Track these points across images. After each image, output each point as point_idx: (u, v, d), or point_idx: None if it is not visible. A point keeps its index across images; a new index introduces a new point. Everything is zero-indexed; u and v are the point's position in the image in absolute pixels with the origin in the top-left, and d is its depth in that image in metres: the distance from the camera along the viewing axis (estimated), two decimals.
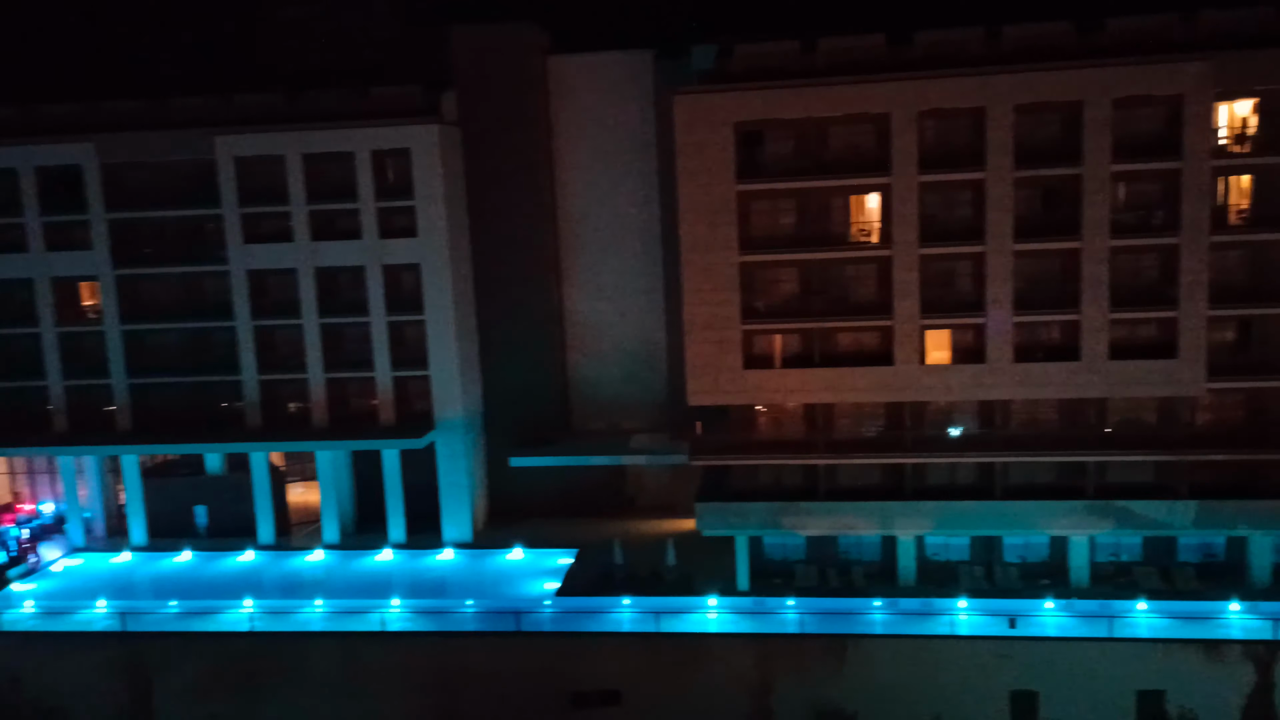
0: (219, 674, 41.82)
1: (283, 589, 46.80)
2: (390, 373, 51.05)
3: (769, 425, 45.92)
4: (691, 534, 46.57)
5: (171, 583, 48.21)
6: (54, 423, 52.66)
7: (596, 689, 40.23)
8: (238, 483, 52.57)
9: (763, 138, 43.86)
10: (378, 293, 50.31)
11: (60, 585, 48.69)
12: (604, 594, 43.77)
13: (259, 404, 51.63)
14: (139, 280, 51.96)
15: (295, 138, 49.44)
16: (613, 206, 53.52)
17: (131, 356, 51.96)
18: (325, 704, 41.48)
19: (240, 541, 51.63)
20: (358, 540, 52.06)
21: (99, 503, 54.12)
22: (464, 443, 51.38)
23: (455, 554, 50.33)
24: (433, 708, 41.01)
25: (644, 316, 54.11)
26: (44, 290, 51.71)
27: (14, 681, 42.32)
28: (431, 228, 49.60)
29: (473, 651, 41.25)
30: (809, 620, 40.97)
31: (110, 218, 50.78)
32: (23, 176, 50.76)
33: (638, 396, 54.36)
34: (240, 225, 50.23)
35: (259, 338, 51.28)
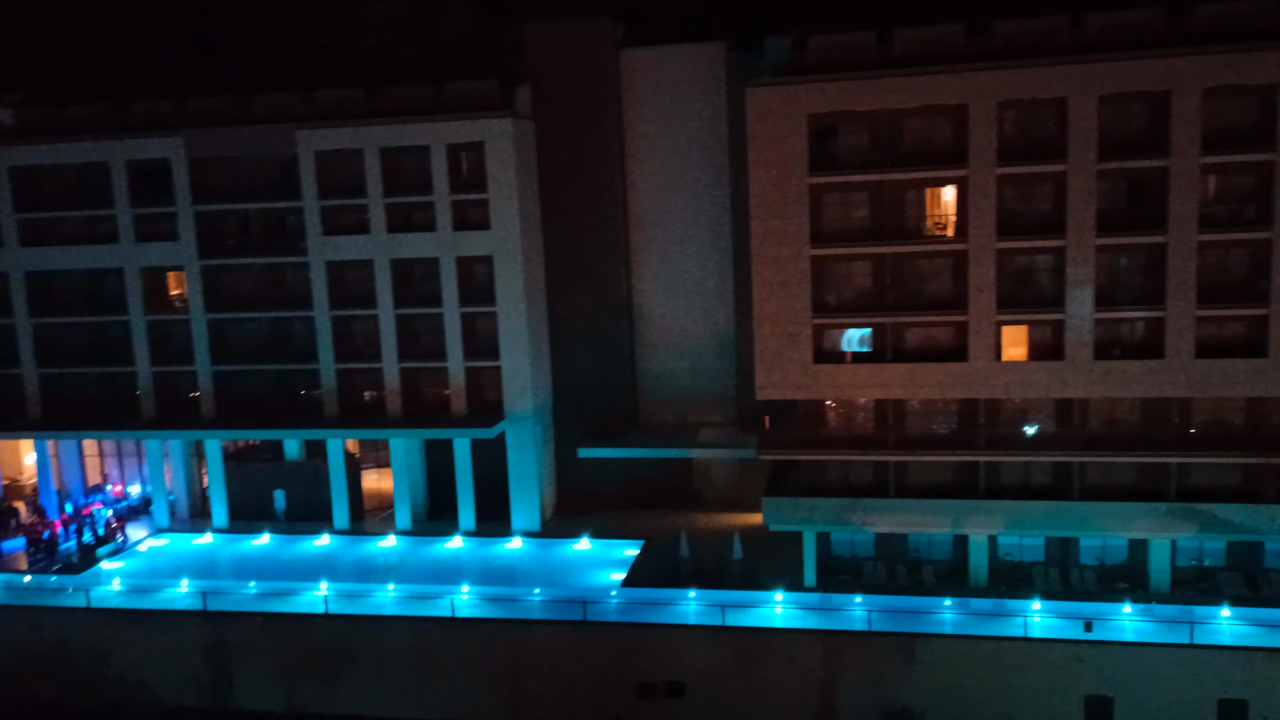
0: (296, 653, 42.96)
1: (357, 573, 47.86)
2: (462, 363, 51.81)
3: (838, 420, 45.49)
4: (758, 528, 46.42)
5: (251, 564, 49.66)
6: (142, 408, 54.60)
7: (661, 680, 40.35)
8: (315, 468, 53.94)
9: (836, 130, 43.41)
10: (451, 285, 51.09)
11: (146, 564, 50.51)
12: (670, 586, 43.89)
13: (336, 392, 52.87)
14: (223, 271, 53.57)
15: (373, 132, 50.45)
16: (683, 200, 53.51)
17: (215, 345, 53.62)
18: (396, 686, 42.35)
19: (317, 525, 52.95)
20: (429, 527, 52.97)
21: (183, 486, 55.99)
22: (533, 433, 51.92)
23: (523, 543, 50.92)
24: (501, 693, 41.57)
25: (713, 310, 54.02)
26: (133, 280, 53.64)
27: (103, 656, 44.06)
28: (504, 221, 50.19)
29: (540, 639, 41.71)
30: (877, 618, 40.49)
31: (197, 210, 52.43)
32: (114, 170, 52.69)
33: (706, 390, 54.30)
34: (320, 218, 51.45)
35: (337, 328, 52.49)
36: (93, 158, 52.90)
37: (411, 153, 50.67)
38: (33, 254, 54.31)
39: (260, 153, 52.06)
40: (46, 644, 44.62)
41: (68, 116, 54.49)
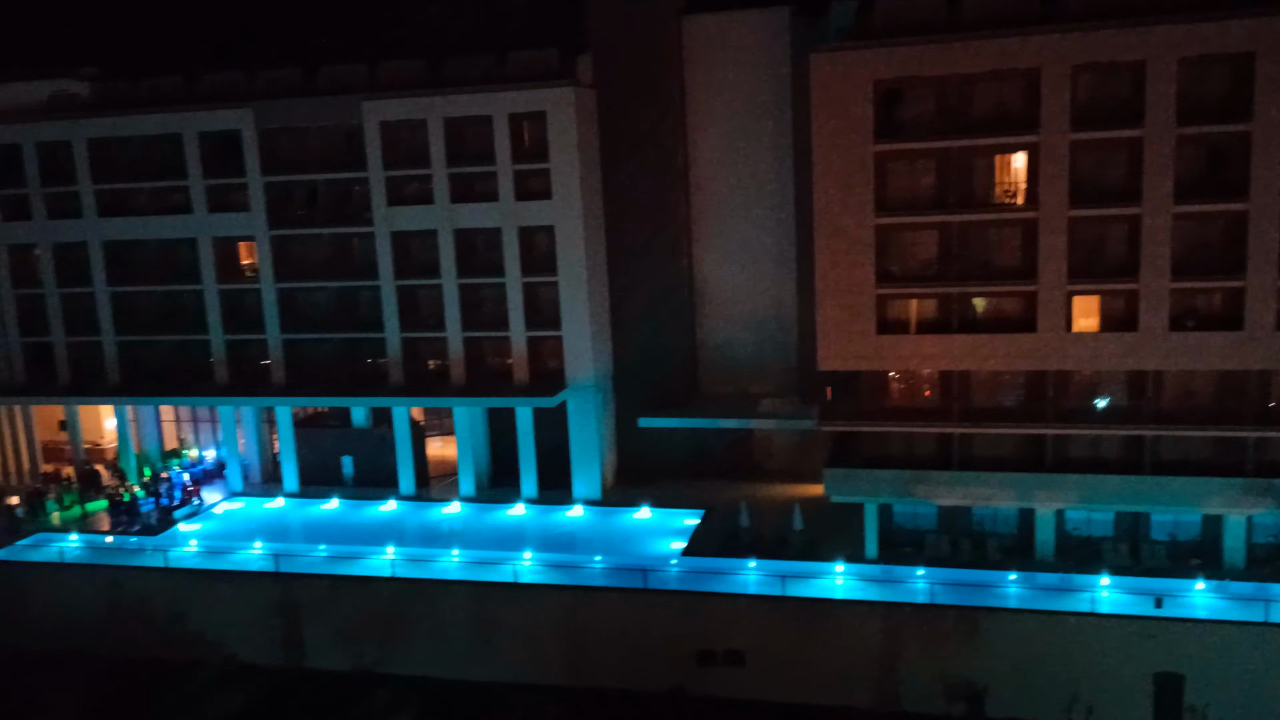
0: (363, 615, 44.05)
1: (422, 538, 48.83)
2: (524, 333, 52.25)
3: (902, 391, 44.97)
4: (819, 499, 46.26)
5: (321, 528, 50.95)
6: (215, 375, 56.11)
7: (721, 649, 40.61)
8: (381, 436, 54.99)
9: (903, 96, 42.54)
10: (513, 254, 51.41)
11: (220, 527, 52.12)
12: (730, 556, 44.03)
13: (401, 361, 53.72)
14: (292, 241, 54.58)
15: (436, 102, 50.78)
16: (745, 168, 53.04)
17: (285, 314, 54.77)
18: (460, 649, 43.22)
19: (383, 491, 54.06)
20: (492, 494, 53.76)
21: (255, 451, 57.53)
22: (594, 402, 52.25)
23: (584, 511, 51.41)
24: (562, 658, 42.20)
25: (775, 280, 53.63)
26: (206, 250, 54.93)
27: (181, 615, 45.67)
28: (566, 190, 50.28)
29: (601, 606, 42.19)
30: (940, 591, 40.19)
31: (266, 181, 53.40)
32: (187, 142, 53.85)
33: (767, 360, 54.07)
34: (385, 188, 52.07)
35: (402, 297, 53.24)
36: (166, 130, 54.11)
37: (474, 123, 50.93)
38: (110, 224, 55.91)
39: (327, 124, 52.77)
40: (128, 602, 46.37)
41: (142, 89, 55.84)
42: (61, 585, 47.40)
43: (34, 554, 49.48)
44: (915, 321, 43.83)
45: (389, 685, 34.22)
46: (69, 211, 56.08)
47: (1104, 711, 37.63)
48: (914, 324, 43.81)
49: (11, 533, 51.55)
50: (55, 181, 55.81)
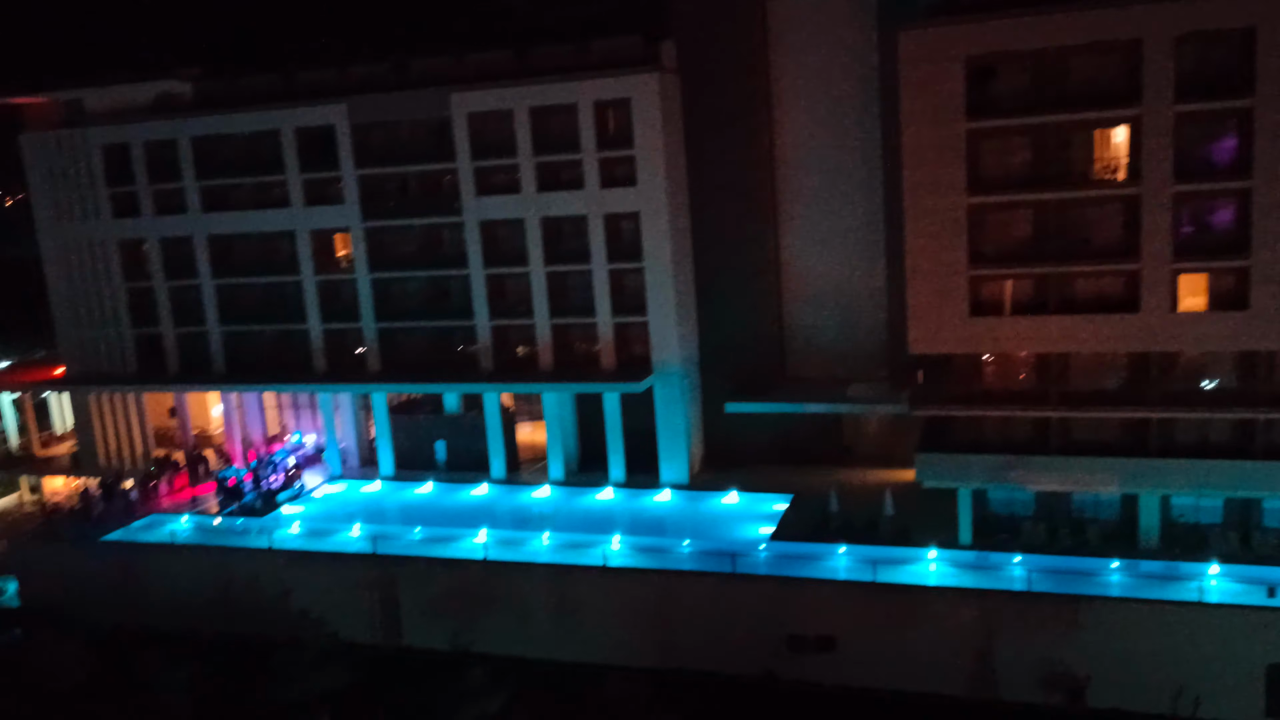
0: (457, 596, 45.08)
1: (513, 521, 49.72)
2: (610, 319, 52.61)
3: (996, 374, 43.96)
4: (910, 485, 45.62)
5: (416, 510, 52.28)
6: (314, 363, 57.93)
7: (812, 634, 40.43)
8: (473, 421, 56.09)
9: (995, 71, 41.44)
10: (599, 242, 51.77)
11: (321, 509, 53.89)
12: (819, 541, 43.75)
13: (491, 348, 54.65)
14: (385, 232, 55.92)
15: (522, 92, 51.33)
16: (833, 150, 52.35)
17: (379, 303, 56.22)
18: (552, 630, 43.94)
19: (475, 475, 55.17)
20: (580, 478, 54.39)
21: (353, 436, 59.28)
22: (681, 388, 52.37)
23: (672, 495, 51.65)
24: (653, 640, 42.54)
25: (863, 262, 52.87)
26: (304, 242, 56.68)
27: (285, 593, 47.41)
28: (650, 177, 50.36)
29: (690, 589, 42.38)
30: (1037, 578, 39.27)
31: (360, 174, 54.79)
32: (284, 138, 55.56)
33: (856, 344, 53.40)
34: (473, 178, 52.91)
35: (491, 285, 54.12)
36: (264, 126, 55.89)
37: (559, 111, 51.31)
38: (213, 219, 58.10)
39: (417, 116, 53.82)
40: (236, 582, 48.33)
41: (241, 88, 57.76)
42: (173, 566, 49.66)
43: (147, 535, 51.96)
44: (1010, 303, 42.79)
45: (484, 665, 34.98)
46: (175, 207, 58.47)
47: (1212, 705, 36.31)
48: (1009, 306, 42.77)
49: (127, 515, 54.18)
50: (162, 179, 58.23)
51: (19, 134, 60.32)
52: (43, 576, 51.94)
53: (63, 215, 60.14)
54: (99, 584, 49.96)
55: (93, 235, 59.90)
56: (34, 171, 60.26)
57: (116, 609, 48.61)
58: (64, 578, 50.79)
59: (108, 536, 51.89)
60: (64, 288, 61.14)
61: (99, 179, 58.98)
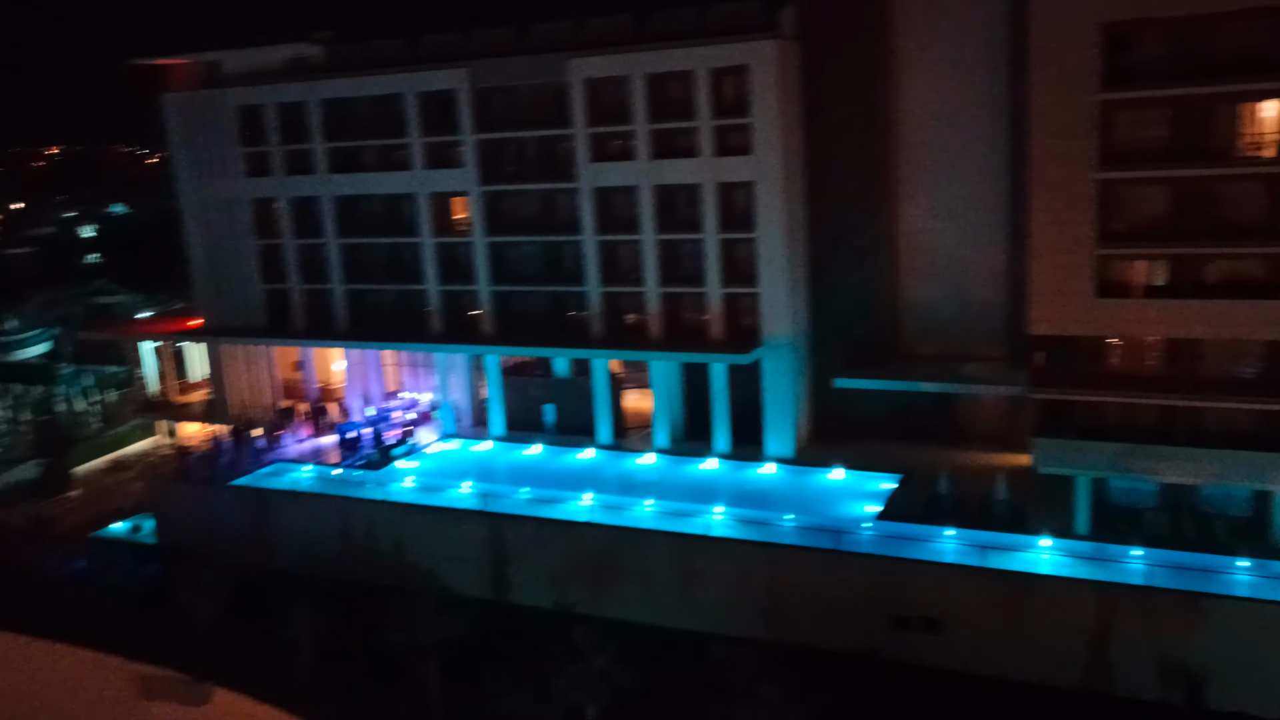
0: (563, 557, 46.09)
1: (618, 486, 50.38)
2: (720, 289, 52.44)
3: (1122, 358, 42.20)
4: (1025, 469, 44.36)
5: (524, 471, 53.47)
6: (431, 323, 59.58)
7: (917, 615, 39.94)
8: (581, 386, 56.88)
9: (1133, 40, 39.43)
10: (711, 210, 51.55)
11: (434, 466, 55.62)
12: (927, 522, 43.04)
13: (601, 314, 55.21)
14: (501, 196, 56.89)
15: (639, 58, 51.26)
16: (957, 120, 50.75)
17: (494, 266, 57.36)
18: (655, 596, 44.54)
19: (582, 439, 56.04)
20: (685, 447, 54.63)
21: (466, 396, 60.87)
22: (790, 360, 51.95)
23: (777, 468, 51.48)
24: (756, 612, 42.72)
25: (984, 237, 51.27)
26: (424, 205, 58.14)
27: (400, 545, 49.32)
28: (766, 145, 49.77)
29: (796, 564, 42.31)
30: (1158, 573, 37.82)
31: (478, 138, 55.77)
32: (408, 102, 56.90)
33: (973, 322, 51.97)
34: (589, 145, 53.24)
35: (603, 252, 54.56)
36: (389, 90, 57.35)
37: (676, 78, 51.09)
38: (340, 180, 60.09)
39: (536, 81, 54.38)
40: (354, 530, 50.51)
41: (369, 52, 59.34)
42: (296, 511, 52.14)
43: (273, 482, 54.63)
44: (1141, 284, 40.95)
45: (587, 625, 35.72)
46: (304, 168, 60.67)
47: None
48: (1140, 287, 40.94)
49: (255, 461, 57.04)
50: (292, 140, 60.44)
51: (163, 95, 63.45)
52: (177, 516, 55.25)
53: (200, 174, 63.10)
54: (228, 525, 52.90)
55: (228, 193, 62.71)
56: (174, 131, 63.36)
57: (244, 549, 51.36)
58: (196, 518, 53.94)
59: (237, 481, 54.77)
60: (201, 244, 64.32)
61: (234, 139, 61.61)
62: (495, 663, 38.48)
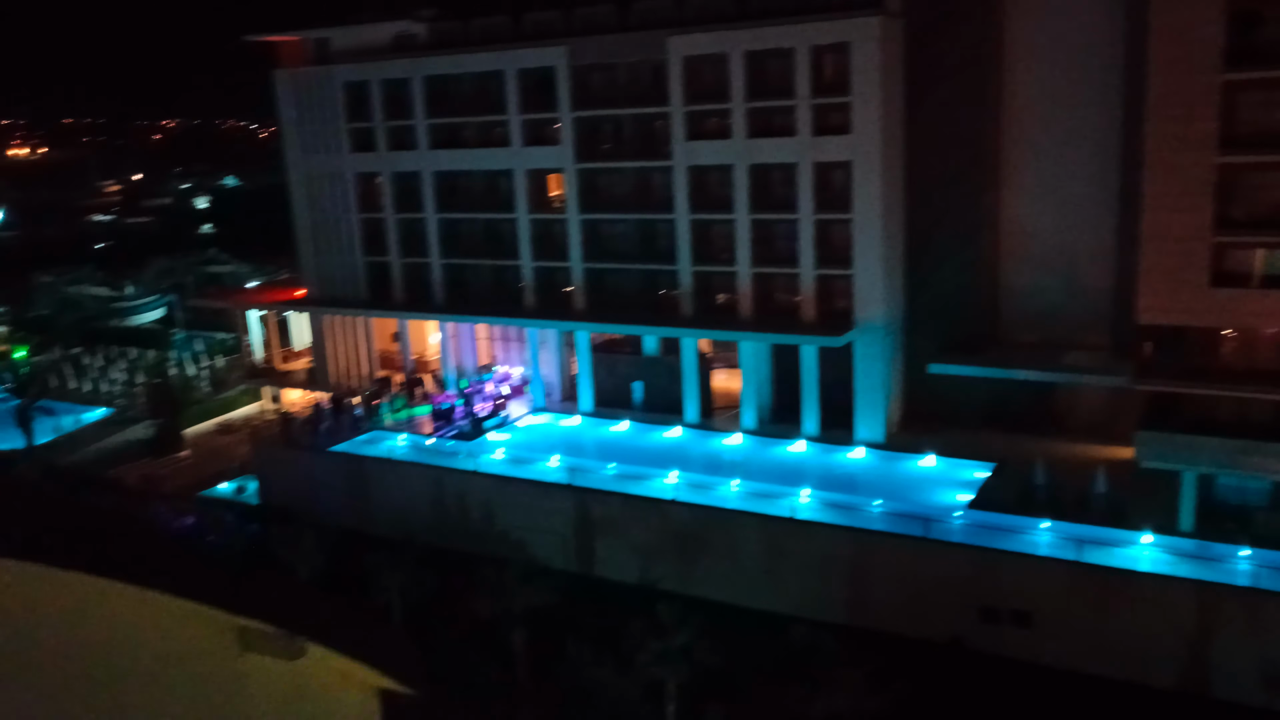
0: (648, 533, 46.49)
1: (704, 465, 50.47)
2: (814, 270, 51.84)
3: (1236, 351, 40.35)
4: (1127, 463, 42.86)
5: (611, 447, 53.99)
6: (524, 299, 60.44)
7: (1007, 607, 39.11)
8: (670, 364, 57.02)
9: (1261, 17, 37.38)
10: (807, 190, 50.89)
11: (523, 438, 56.58)
12: (1021, 513, 41.98)
13: (692, 293, 55.17)
14: (596, 174, 57.22)
15: (739, 36, 50.78)
16: (1066, 101, 48.98)
17: (587, 243, 57.79)
18: (739, 576, 44.61)
19: (669, 418, 56.25)
20: (773, 429, 54.33)
21: (556, 371, 61.65)
22: (883, 344, 51.12)
23: (866, 453, 50.84)
24: (841, 596, 42.44)
25: (1091, 222, 49.48)
26: (520, 181, 58.86)
27: (489, 515, 50.42)
28: (866, 125, 48.84)
29: (882, 550, 41.85)
30: (1267, 575, 36.20)
31: (576, 116, 56.11)
32: (508, 79, 57.56)
33: (1076, 309, 50.29)
34: (685, 123, 53.07)
35: (695, 231, 54.45)
36: (490, 67, 58.11)
37: (775, 56, 50.50)
38: (440, 156, 61.25)
39: (634, 59, 54.38)
40: (446, 498, 51.83)
41: (472, 29, 60.14)
42: (391, 478, 53.73)
43: (370, 449, 56.36)
44: (1259, 274, 38.99)
45: (670, 601, 36.01)
46: (406, 144, 62.01)
47: None
48: (1258, 276, 39.01)
49: (352, 429, 58.89)
50: (396, 116, 61.81)
51: (275, 71, 65.54)
52: (279, 479, 57.52)
53: (308, 148, 65.07)
54: (327, 489, 54.85)
55: (333, 168, 64.54)
56: (284, 106, 65.40)
57: (342, 513, 53.23)
58: (297, 481, 56.06)
59: (335, 447, 56.68)
60: (306, 216, 66.40)
61: (340, 115, 63.30)
62: (579, 634, 39.11)
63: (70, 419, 69.95)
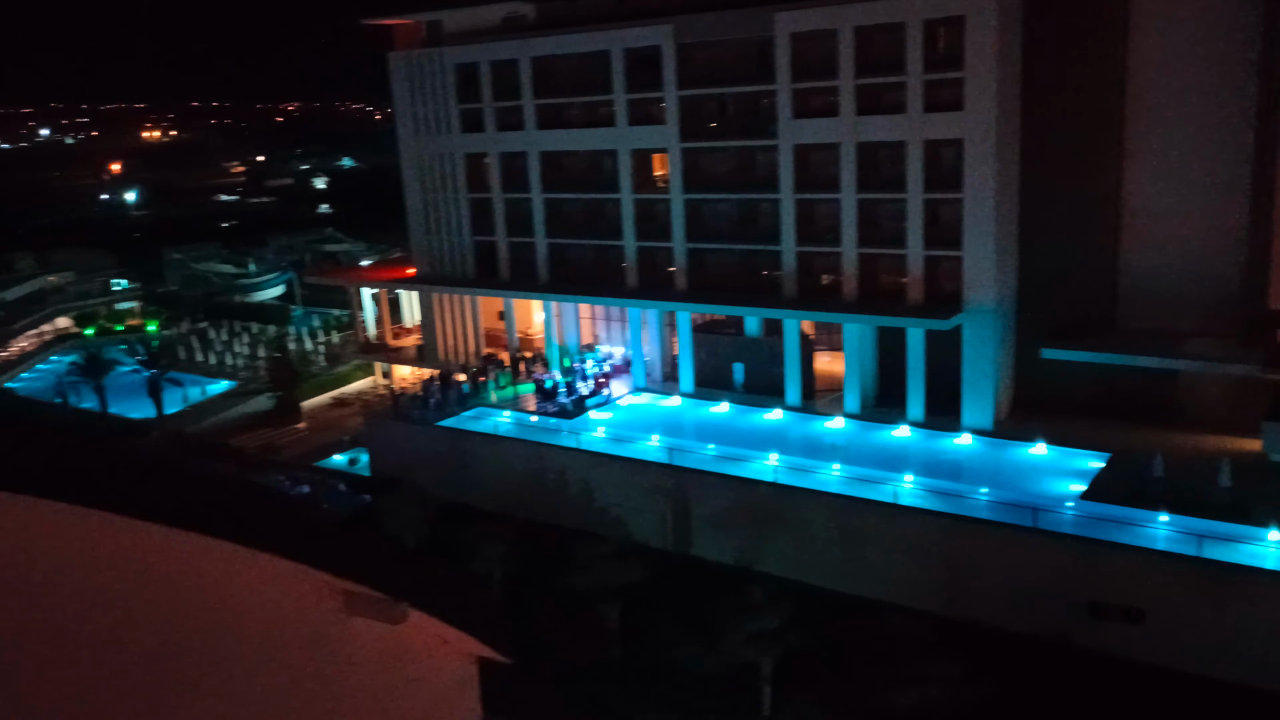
0: (745, 514, 46.39)
1: (804, 448, 50.01)
2: (922, 251, 50.62)
3: None
4: (1255, 455, 40.78)
5: (711, 428, 53.98)
6: (627, 279, 60.77)
7: (1118, 603, 37.73)
8: (772, 346, 56.58)
9: None
10: (916, 169, 49.67)
11: (624, 417, 57.03)
12: (1137, 506, 40.33)
13: (795, 274, 54.58)
14: (700, 153, 57.00)
15: (849, 11, 49.73)
16: (1196, 75, 46.40)
17: (690, 223, 57.70)
18: (836, 560, 44.13)
19: (770, 400, 55.88)
20: (876, 413, 53.42)
21: (657, 351, 61.88)
22: (992, 328, 49.66)
23: (973, 440, 49.57)
24: (938, 585, 41.62)
25: (1219, 204, 46.87)
26: (624, 161, 59.08)
27: (588, 492, 51.09)
28: (979, 101, 47.31)
29: (985, 540, 40.83)
30: None
31: (680, 95, 55.95)
32: (613, 58, 57.73)
33: (1200, 294, 47.78)
34: (791, 101, 52.37)
35: (799, 211, 53.78)
36: (596, 47, 58.38)
37: (885, 30, 49.30)
38: (546, 136, 61.94)
39: (740, 36, 53.86)
40: (548, 474, 52.71)
41: (579, 9, 60.51)
42: (495, 454, 54.93)
43: (475, 424, 57.69)
44: None
45: (764, 583, 35.98)
46: (513, 124, 62.91)
47: None
48: None
49: (459, 405, 60.37)
50: (504, 97, 62.74)
51: (389, 53, 67.27)
52: (388, 451, 59.42)
53: (420, 129, 66.63)
54: (433, 462, 56.42)
55: (443, 149, 65.95)
56: (398, 89, 67.06)
57: (446, 485, 54.68)
58: (406, 454, 57.81)
59: (442, 422, 58.19)
60: (417, 196, 68.09)
61: (451, 96, 64.57)
62: (672, 612, 39.42)
63: (196, 390, 73.69)
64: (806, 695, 33.97)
